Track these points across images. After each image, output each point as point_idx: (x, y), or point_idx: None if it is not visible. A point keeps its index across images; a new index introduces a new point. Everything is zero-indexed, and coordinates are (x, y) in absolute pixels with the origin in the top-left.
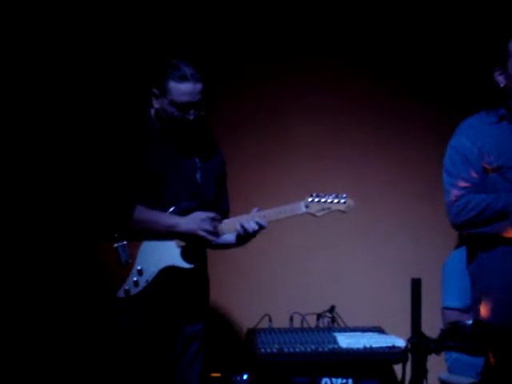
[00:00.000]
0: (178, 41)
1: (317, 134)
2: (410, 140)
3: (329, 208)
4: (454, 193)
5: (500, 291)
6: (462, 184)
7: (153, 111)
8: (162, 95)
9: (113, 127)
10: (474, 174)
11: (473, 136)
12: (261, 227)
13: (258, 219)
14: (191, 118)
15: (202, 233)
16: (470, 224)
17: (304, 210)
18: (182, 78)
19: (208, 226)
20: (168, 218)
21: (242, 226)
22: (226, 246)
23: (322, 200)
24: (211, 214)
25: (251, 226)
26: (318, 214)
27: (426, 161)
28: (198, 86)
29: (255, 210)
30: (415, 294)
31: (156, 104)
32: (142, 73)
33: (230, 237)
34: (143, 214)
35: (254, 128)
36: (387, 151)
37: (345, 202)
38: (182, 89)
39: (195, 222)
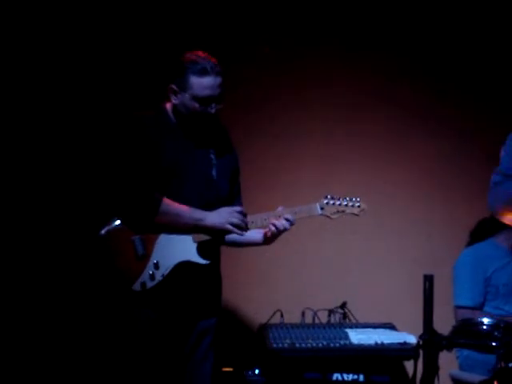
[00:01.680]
0: (187, 38)
1: (330, 135)
2: (424, 140)
3: (343, 211)
4: (493, 179)
5: None
6: (505, 172)
7: (169, 107)
8: (181, 91)
9: (128, 124)
10: None
11: None
12: (291, 224)
13: (287, 216)
14: (213, 111)
15: (229, 226)
16: (500, 211)
17: (319, 211)
18: (203, 72)
19: (236, 220)
20: (195, 212)
21: (273, 224)
22: (251, 243)
23: (337, 203)
24: (237, 208)
25: (282, 223)
26: (333, 217)
27: (440, 161)
28: (218, 79)
29: (280, 208)
30: (427, 291)
31: (175, 100)
32: (156, 69)
33: (256, 235)
34: (169, 206)
35: (265, 129)
36: (401, 150)
37: (359, 206)
38: (204, 83)
39: (222, 215)
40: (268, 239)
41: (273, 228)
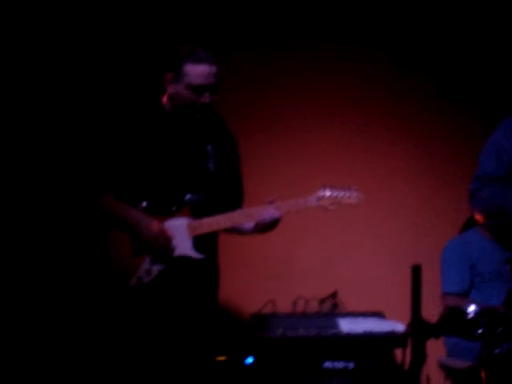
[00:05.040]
0: (186, 32)
1: (325, 128)
2: (411, 134)
3: (339, 202)
4: (474, 184)
5: None
6: (484, 177)
7: (165, 100)
8: (177, 80)
9: (119, 114)
10: (500, 171)
11: (510, 133)
12: (275, 220)
13: (272, 212)
14: (207, 100)
15: (152, 246)
16: (483, 214)
17: (315, 203)
18: (199, 61)
19: (159, 243)
20: (133, 215)
21: (257, 219)
22: (241, 231)
23: (334, 194)
24: (167, 233)
25: (265, 217)
26: (330, 208)
27: (427, 154)
28: (214, 69)
29: (269, 198)
30: (416, 280)
31: (169, 89)
32: (152, 59)
33: (246, 224)
34: (111, 201)
35: (263, 121)
36: (393, 144)
37: (356, 196)
38: (199, 71)
39: (149, 234)
40: (258, 229)
41: (255, 221)
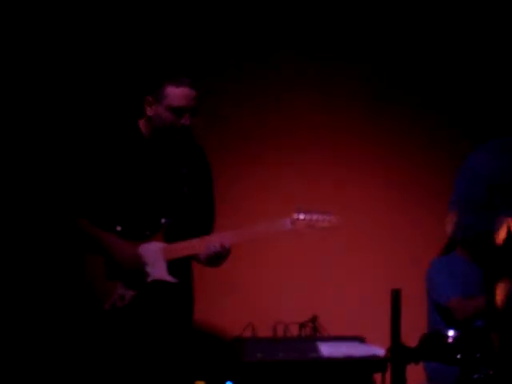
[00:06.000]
0: (170, 52)
1: (302, 152)
2: (391, 159)
3: (314, 225)
4: (453, 211)
5: None
6: (462, 203)
7: (142, 123)
8: (157, 102)
9: (96, 138)
10: (477, 196)
11: (488, 158)
12: (223, 250)
13: (219, 242)
14: (187, 122)
15: (126, 269)
16: (463, 241)
17: (289, 226)
18: (180, 83)
19: (132, 267)
20: (109, 241)
21: (208, 248)
22: (198, 261)
23: (308, 217)
24: (139, 257)
25: (214, 247)
26: (305, 231)
27: (407, 178)
28: (194, 92)
29: (228, 232)
30: (395, 305)
31: (149, 112)
32: (130, 82)
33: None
34: (87, 226)
35: (238, 146)
36: (374, 166)
37: (330, 220)
38: (180, 93)
39: (122, 257)
40: (208, 260)
41: (205, 250)
